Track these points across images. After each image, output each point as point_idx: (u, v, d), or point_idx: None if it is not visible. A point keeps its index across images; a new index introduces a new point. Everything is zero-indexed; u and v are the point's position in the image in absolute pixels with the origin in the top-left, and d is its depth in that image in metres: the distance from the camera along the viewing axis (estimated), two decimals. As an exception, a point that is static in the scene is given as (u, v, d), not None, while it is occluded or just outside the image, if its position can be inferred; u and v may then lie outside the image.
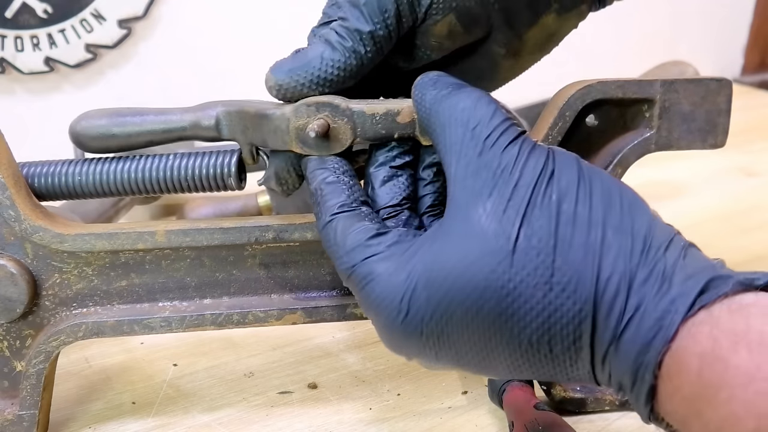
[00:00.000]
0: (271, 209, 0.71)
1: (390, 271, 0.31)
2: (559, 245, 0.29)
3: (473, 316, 0.29)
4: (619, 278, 0.28)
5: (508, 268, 0.29)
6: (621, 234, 0.29)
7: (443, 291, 0.30)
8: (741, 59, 1.43)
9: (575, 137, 0.43)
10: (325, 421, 0.47)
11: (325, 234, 0.35)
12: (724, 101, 0.43)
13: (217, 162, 0.41)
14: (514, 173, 0.30)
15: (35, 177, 0.42)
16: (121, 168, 0.42)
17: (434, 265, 0.30)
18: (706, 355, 0.25)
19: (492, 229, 0.29)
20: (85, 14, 0.85)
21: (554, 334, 0.29)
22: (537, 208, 0.29)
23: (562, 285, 0.28)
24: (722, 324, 0.26)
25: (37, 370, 0.42)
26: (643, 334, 0.27)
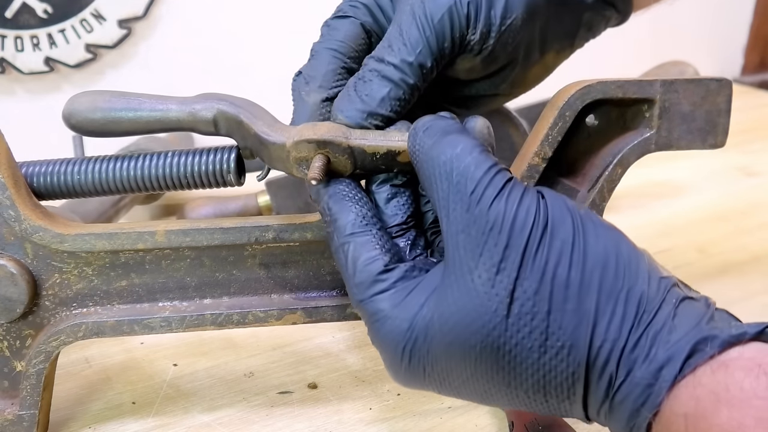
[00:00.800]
0: (271, 209, 0.71)
1: (395, 315, 0.33)
2: (553, 311, 0.30)
3: (472, 370, 0.31)
4: (611, 345, 0.29)
5: (503, 332, 0.30)
6: (614, 300, 0.30)
7: (443, 346, 0.31)
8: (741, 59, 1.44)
9: (575, 137, 0.43)
10: (325, 421, 0.47)
11: (337, 257, 0.36)
12: (724, 101, 0.43)
13: (216, 159, 0.41)
14: (503, 233, 0.30)
15: (35, 176, 0.42)
16: (120, 166, 0.42)
17: (434, 321, 0.31)
18: (690, 416, 0.27)
19: (485, 293, 0.30)
20: (85, 14, 0.85)
21: (549, 390, 0.30)
22: (529, 272, 0.30)
23: (556, 349, 0.29)
24: (704, 384, 0.27)
25: (37, 370, 0.42)
26: (633, 400, 0.29)
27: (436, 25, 0.39)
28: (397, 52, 0.39)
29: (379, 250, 0.34)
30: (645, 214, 0.77)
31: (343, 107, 0.38)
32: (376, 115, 0.38)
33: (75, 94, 0.42)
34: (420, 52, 0.39)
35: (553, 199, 0.32)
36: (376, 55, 0.39)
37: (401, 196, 0.37)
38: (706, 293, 0.31)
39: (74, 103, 0.42)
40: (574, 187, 0.44)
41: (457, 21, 0.40)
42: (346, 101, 0.38)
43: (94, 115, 0.41)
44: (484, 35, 0.41)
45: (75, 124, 0.42)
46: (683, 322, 0.29)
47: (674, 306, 0.30)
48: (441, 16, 0.39)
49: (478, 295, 0.30)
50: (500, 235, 0.30)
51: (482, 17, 0.40)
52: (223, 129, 0.41)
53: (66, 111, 0.42)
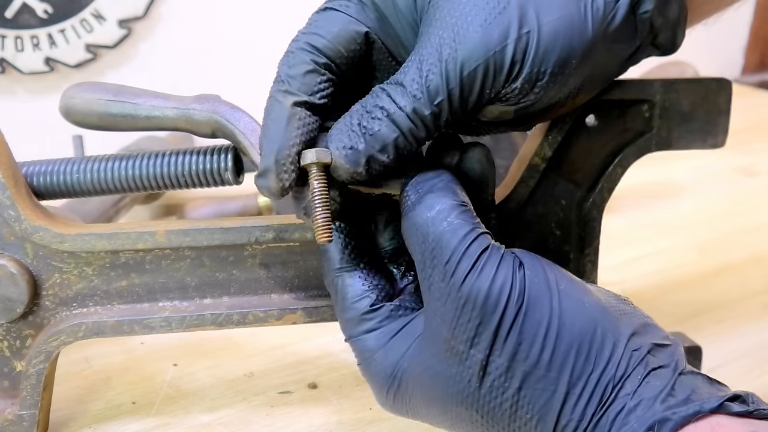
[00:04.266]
0: (271, 209, 0.71)
1: (380, 359, 0.35)
2: (524, 388, 0.31)
3: (451, 421, 0.34)
4: (575, 426, 0.31)
5: (475, 400, 0.32)
6: (583, 382, 0.31)
7: (423, 398, 0.34)
8: (741, 59, 1.44)
9: (575, 137, 0.43)
10: (325, 421, 0.47)
11: (329, 290, 0.38)
12: (724, 101, 0.43)
13: (214, 158, 0.42)
14: (475, 310, 0.31)
15: (35, 176, 0.42)
16: (119, 165, 0.42)
17: (416, 374, 0.34)
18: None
19: (459, 363, 0.32)
20: (85, 14, 0.85)
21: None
22: (501, 350, 0.31)
23: (525, 420, 0.32)
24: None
25: (37, 370, 0.42)
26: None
27: (464, 79, 0.33)
28: (411, 99, 0.33)
29: (367, 287, 0.36)
30: (645, 214, 0.77)
31: (343, 142, 0.34)
32: (374, 161, 0.34)
33: (70, 88, 0.42)
34: (438, 105, 0.33)
35: (532, 270, 0.32)
36: (389, 90, 0.34)
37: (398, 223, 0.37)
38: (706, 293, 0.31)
39: (69, 99, 0.42)
40: (574, 187, 0.44)
41: (491, 75, 0.33)
42: (347, 136, 0.34)
43: (90, 118, 0.42)
44: (526, 88, 0.34)
45: (72, 121, 0.42)
46: (643, 402, 0.30)
47: (639, 382, 0.31)
48: (473, 69, 0.33)
49: (453, 364, 0.32)
50: (473, 312, 0.31)
51: (528, 67, 0.33)
52: (219, 136, 0.41)
53: (62, 107, 0.42)
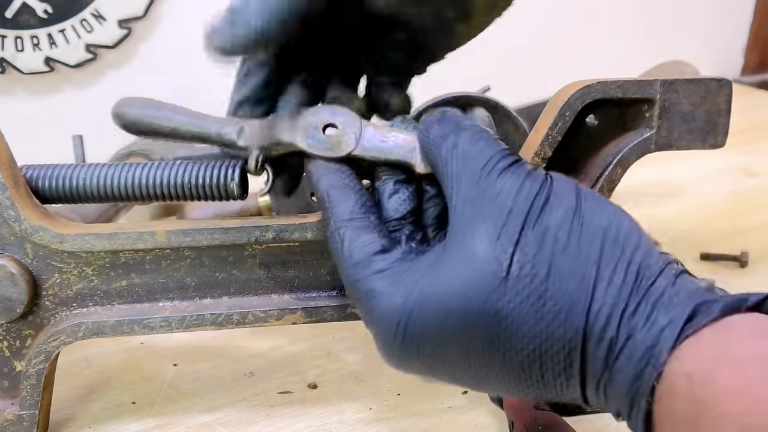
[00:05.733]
0: (271, 209, 0.71)
1: (390, 292, 0.32)
2: (552, 274, 0.29)
3: (467, 342, 0.30)
4: (609, 310, 0.29)
5: (501, 295, 0.30)
6: (613, 265, 0.29)
7: (439, 318, 0.31)
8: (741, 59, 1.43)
9: (575, 137, 0.43)
10: (325, 421, 0.47)
11: (332, 240, 0.35)
12: (724, 101, 0.43)
13: (221, 172, 0.42)
14: (508, 200, 0.31)
15: (39, 180, 0.42)
16: (125, 174, 0.42)
17: (430, 292, 0.31)
18: (693, 376, 0.26)
19: (485, 256, 0.30)
20: (85, 14, 0.85)
21: (545, 361, 0.30)
22: (530, 236, 0.30)
23: (553, 314, 0.29)
24: (706, 345, 0.27)
25: (37, 370, 0.42)
26: (635, 364, 0.28)
27: None
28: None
29: (377, 235, 0.34)
30: (645, 214, 0.77)
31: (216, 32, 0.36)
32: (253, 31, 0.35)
33: (124, 99, 0.43)
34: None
35: (560, 179, 0.32)
36: None
37: (403, 192, 0.37)
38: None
39: (122, 108, 0.43)
40: (574, 187, 0.44)
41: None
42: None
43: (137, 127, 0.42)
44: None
45: (119, 125, 0.43)
46: (683, 290, 0.29)
47: (674, 276, 0.30)
48: None
49: (478, 260, 0.30)
50: (504, 202, 0.31)
51: None
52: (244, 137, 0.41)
53: (114, 112, 0.43)
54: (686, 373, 0.26)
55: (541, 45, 1.14)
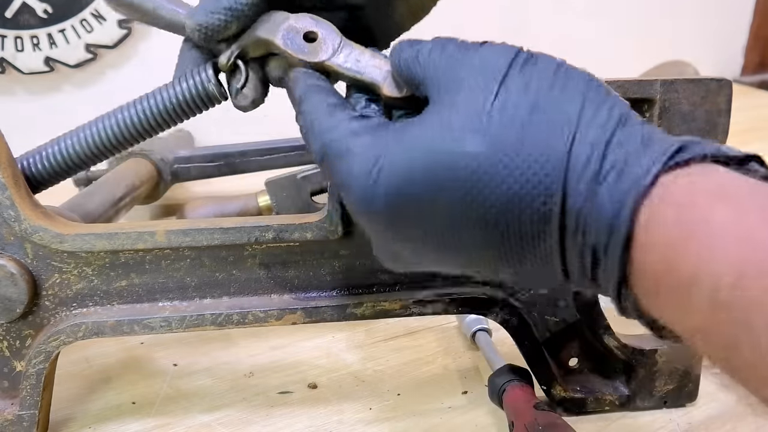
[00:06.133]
0: (271, 209, 0.71)
1: (365, 146, 0.31)
2: (535, 114, 0.28)
3: (442, 190, 0.29)
4: (592, 144, 0.27)
5: (481, 139, 0.28)
6: (596, 106, 0.28)
7: (413, 167, 0.29)
8: (741, 59, 1.44)
9: (575, 137, 0.43)
10: (325, 421, 0.47)
11: (304, 114, 0.35)
12: (724, 101, 0.43)
13: (195, 78, 0.42)
14: (492, 58, 0.30)
15: (32, 166, 0.42)
16: (109, 122, 0.42)
17: (407, 143, 0.30)
18: (683, 206, 0.25)
19: (465, 107, 0.29)
20: (85, 14, 0.85)
21: (524, 207, 0.28)
22: (513, 81, 0.29)
23: (534, 156, 0.28)
24: (699, 181, 0.26)
25: (37, 370, 0.42)
26: (621, 187, 0.27)
27: None
28: None
29: (351, 109, 0.34)
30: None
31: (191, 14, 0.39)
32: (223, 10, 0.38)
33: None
34: None
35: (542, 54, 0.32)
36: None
37: (375, 106, 0.36)
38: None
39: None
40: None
41: None
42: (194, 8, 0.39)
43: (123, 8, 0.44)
44: None
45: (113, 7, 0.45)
46: (665, 135, 0.28)
47: (656, 127, 0.29)
48: None
49: (458, 111, 0.29)
50: (486, 60, 0.30)
51: None
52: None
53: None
54: (676, 203, 0.25)
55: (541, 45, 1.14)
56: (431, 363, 0.53)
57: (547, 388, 0.46)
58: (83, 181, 0.74)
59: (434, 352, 0.54)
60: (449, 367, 0.52)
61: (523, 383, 0.44)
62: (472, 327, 0.53)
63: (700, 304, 0.24)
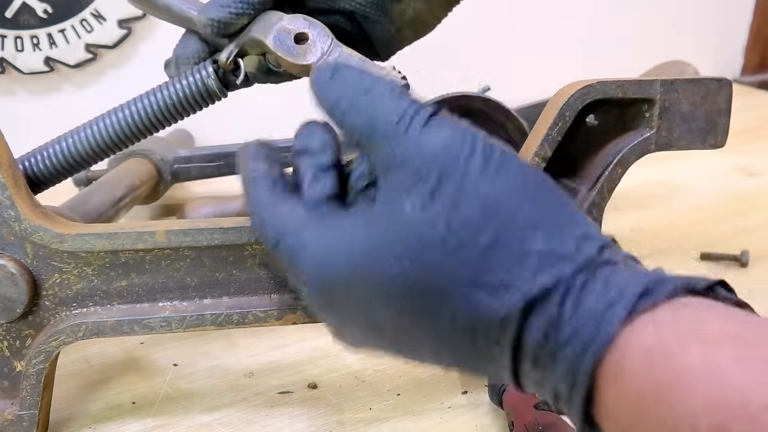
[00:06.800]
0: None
1: (318, 244, 0.30)
2: (494, 243, 0.27)
3: (399, 302, 0.28)
4: (555, 282, 0.26)
5: (435, 261, 0.27)
6: (558, 237, 0.27)
7: (367, 273, 0.29)
8: (741, 59, 1.44)
9: (575, 137, 0.43)
10: (325, 421, 0.47)
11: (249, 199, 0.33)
12: (724, 101, 0.43)
13: (195, 76, 0.42)
14: (438, 160, 0.28)
15: (34, 166, 0.43)
16: (110, 120, 0.43)
17: (358, 246, 0.29)
18: (652, 354, 0.24)
19: (417, 220, 0.28)
20: (85, 14, 0.85)
21: (480, 329, 0.27)
22: (467, 200, 0.27)
23: (493, 281, 0.27)
24: (666, 324, 0.25)
25: (37, 370, 0.42)
26: (582, 337, 0.26)
27: None
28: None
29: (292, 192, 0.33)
30: (645, 214, 0.77)
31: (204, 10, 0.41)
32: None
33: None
34: None
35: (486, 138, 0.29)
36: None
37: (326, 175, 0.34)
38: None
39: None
40: (575, 187, 0.44)
41: None
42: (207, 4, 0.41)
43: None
44: None
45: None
46: (631, 269, 0.27)
47: (623, 257, 0.28)
48: None
49: (408, 224, 0.28)
50: (435, 162, 0.28)
51: None
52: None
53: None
54: (643, 352, 0.24)
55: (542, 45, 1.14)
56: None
57: (547, 388, 0.46)
58: (83, 181, 0.74)
59: (434, 352, 0.54)
60: (449, 367, 0.52)
61: (523, 383, 0.44)
62: (472, 327, 0.53)
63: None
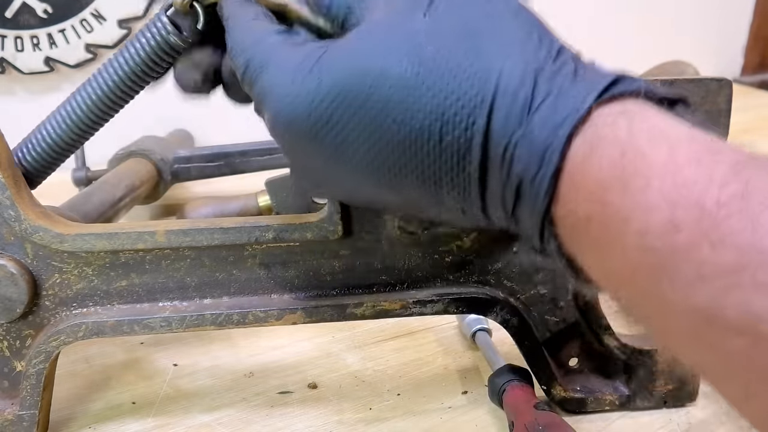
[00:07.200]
0: (271, 209, 0.71)
1: (289, 57, 0.30)
2: (465, 39, 0.27)
3: (363, 107, 0.28)
4: (524, 71, 0.26)
5: (407, 61, 0.27)
6: (529, 35, 0.28)
7: (336, 81, 0.29)
8: (741, 59, 1.44)
9: (575, 137, 0.43)
10: (325, 421, 0.47)
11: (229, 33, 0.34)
12: (724, 101, 0.43)
13: (152, 30, 0.40)
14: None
15: (24, 158, 0.42)
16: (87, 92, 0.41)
17: (332, 57, 0.29)
18: (623, 144, 0.24)
19: (393, 19, 0.28)
20: (85, 14, 0.85)
21: (445, 132, 0.27)
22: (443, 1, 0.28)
23: (460, 80, 0.27)
24: (636, 118, 0.25)
25: (37, 370, 0.42)
26: (555, 117, 0.25)
27: None
28: None
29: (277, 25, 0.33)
30: (645, 214, 0.77)
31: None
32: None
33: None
34: None
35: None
36: None
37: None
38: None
39: None
40: (574, 187, 0.44)
41: None
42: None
43: None
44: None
45: None
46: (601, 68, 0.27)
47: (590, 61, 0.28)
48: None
49: (385, 30, 0.28)
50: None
51: None
52: None
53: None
54: (614, 140, 0.24)
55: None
56: (431, 363, 0.53)
57: (547, 388, 0.46)
58: (83, 181, 0.74)
59: (434, 352, 0.54)
60: (449, 367, 0.52)
61: (523, 383, 0.44)
62: (472, 327, 0.53)
63: (626, 247, 0.23)
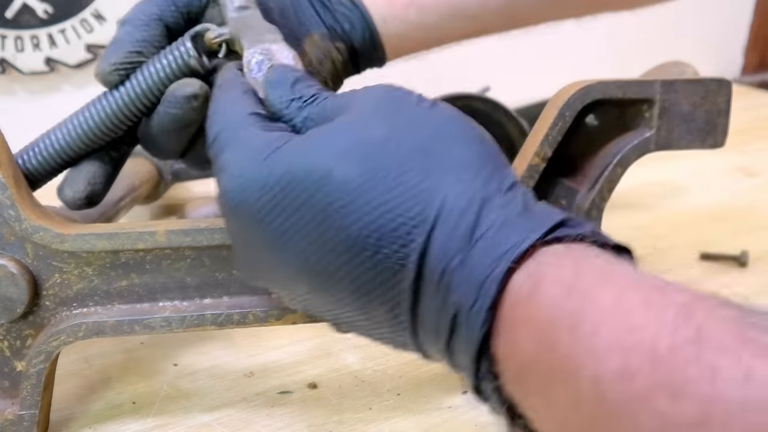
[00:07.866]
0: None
1: (253, 139, 0.31)
2: (416, 158, 0.28)
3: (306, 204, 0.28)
4: (471, 198, 0.27)
5: (356, 167, 0.28)
6: (484, 165, 0.28)
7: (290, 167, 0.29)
8: (741, 59, 1.44)
9: (575, 137, 0.43)
10: (325, 421, 0.47)
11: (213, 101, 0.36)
12: (723, 101, 0.43)
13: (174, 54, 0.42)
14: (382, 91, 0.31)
15: (27, 163, 0.42)
16: (97, 107, 0.43)
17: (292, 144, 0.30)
18: (569, 284, 0.24)
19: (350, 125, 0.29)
20: (85, 14, 0.85)
21: (384, 233, 0.27)
22: (403, 117, 0.29)
23: (405, 197, 0.27)
24: (586, 262, 0.24)
25: (37, 370, 0.42)
26: (497, 248, 0.25)
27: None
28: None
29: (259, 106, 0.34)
30: (645, 214, 0.77)
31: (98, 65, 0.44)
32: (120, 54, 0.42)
33: None
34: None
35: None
36: None
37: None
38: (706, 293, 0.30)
39: None
40: (574, 187, 0.44)
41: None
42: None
43: None
44: None
45: None
46: (542, 204, 0.28)
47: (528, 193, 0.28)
48: None
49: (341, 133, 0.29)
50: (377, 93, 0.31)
51: None
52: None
53: None
54: (560, 281, 0.24)
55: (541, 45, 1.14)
56: (431, 363, 0.53)
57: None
58: (83, 181, 0.74)
59: (434, 352, 0.54)
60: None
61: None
62: (472, 327, 0.53)
63: (580, 395, 0.22)
